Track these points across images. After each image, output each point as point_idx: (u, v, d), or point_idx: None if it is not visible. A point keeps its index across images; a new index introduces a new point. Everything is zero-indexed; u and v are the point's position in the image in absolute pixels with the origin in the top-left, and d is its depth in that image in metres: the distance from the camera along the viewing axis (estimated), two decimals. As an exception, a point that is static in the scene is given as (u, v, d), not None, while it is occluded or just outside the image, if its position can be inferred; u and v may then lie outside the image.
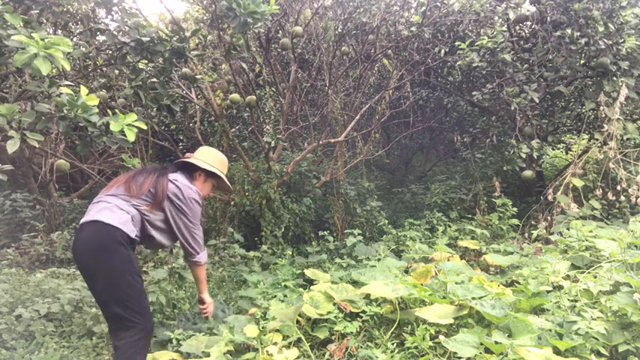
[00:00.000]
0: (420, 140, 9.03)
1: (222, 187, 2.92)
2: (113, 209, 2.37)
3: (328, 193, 6.00)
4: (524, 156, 5.22)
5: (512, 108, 5.26)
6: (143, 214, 2.46)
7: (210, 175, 2.79)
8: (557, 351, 2.37)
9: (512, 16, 5.23)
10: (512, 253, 4.49)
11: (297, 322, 2.95)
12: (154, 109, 4.84)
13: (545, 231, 4.79)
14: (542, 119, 5.68)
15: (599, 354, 2.40)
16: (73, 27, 4.86)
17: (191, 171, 2.75)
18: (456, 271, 3.66)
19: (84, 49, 3.84)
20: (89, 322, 3.26)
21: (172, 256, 3.83)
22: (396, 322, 2.93)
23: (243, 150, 5.90)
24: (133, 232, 2.38)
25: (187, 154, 2.82)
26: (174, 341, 2.92)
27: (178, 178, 2.62)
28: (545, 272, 3.40)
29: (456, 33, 6.22)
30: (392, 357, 2.61)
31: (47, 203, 5.55)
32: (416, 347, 2.64)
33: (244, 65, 5.56)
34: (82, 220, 2.39)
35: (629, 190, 4.67)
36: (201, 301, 2.84)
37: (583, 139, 5.83)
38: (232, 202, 5.40)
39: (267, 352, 2.56)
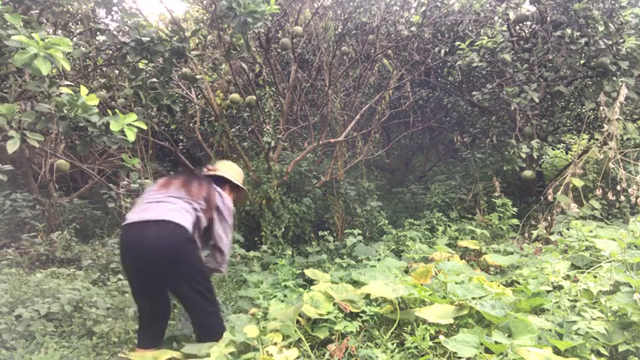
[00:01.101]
0: (420, 140, 9.02)
1: (240, 199, 3.18)
2: (181, 211, 2.58)
3: (328, 193, 6.00)
4: (524, 156, 5.22)
5: (512, 108, 5.25)
6: (198, 219, 2.67)
7: (234, 187, 3.08)
8: (557, 351, 2.37)
9: (512, 16, 5.23)
10: (512, 253, 4.48)
11: (297, 322, 2.94)
12: (154, 109, 4.84)
13: (545, 231, 4.79)
14: (542, 119, 5.68)
15: (599, 354, 2.40)
16: (73, 27, 4.85)
17: (220, 183, 2.98)
18: (456, 271, 3.66)
19: (84, 49, 3.84)
20: (89, 322, 3.26)
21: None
22: (396, 322, 2.93)
23: (243, 150, 5.90)
24: (195, 234, 2.64)
25: (210, 167, 3.09)
26: (174, 341, 2.92)
27: (217, 188, 2.86)
28: (545, 272, 3.40)
29: (456, 33, 6.22)
30: (392, 357, 2.61)
31: (47, 203, 5.54)
32: (416, 347, 2.64)
33: (244, 65, 5.56)
34: (143, 218, 2.54)
35: (629, 190, 4.67)
36: None
37: (583, 139, 5.83)
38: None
39: (267, 352, 2.56)
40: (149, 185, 2.89)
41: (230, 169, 3.08)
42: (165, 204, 2.61)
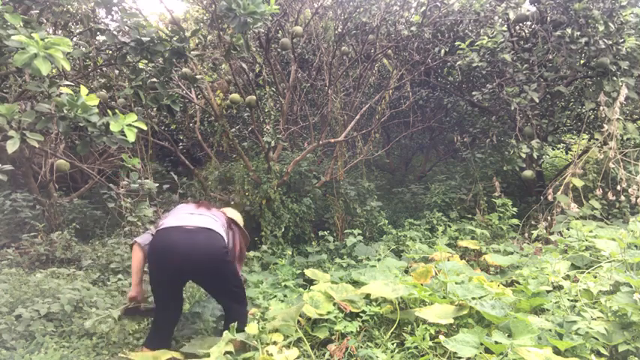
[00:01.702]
0: (420, 140, 9.02)
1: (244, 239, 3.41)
2: (218, 224, 2.93)
3: (328, 193, 6.00)
4: (524, 156, 5.22)
5: (512, 108, 5.25)
6: (228, 233, 3.05)
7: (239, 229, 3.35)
8: (557, 351, 2.37)
9: (512, 16, 5.22)
10: (512, 253, 4.49)
11: (297, 321, 2.95)
12: (154, 109, 4.84)
13: (545, 231, 4.79)
14: (542, 119, 5.68)
15: (599, 354, 2.40)
16: (73, 27, 4.85)
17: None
18: (456, 271, 3.66)
19: (84, 49, 3.84)
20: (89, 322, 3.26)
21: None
22: (396, 322, 2.93)
23: (243, 150, 5.90)
24: (228, 244, 3.00)
25: (223, 210, 3.37)
26: (174, 342, 2.92)
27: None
28: (545, 272, 3.40)
29: (456, 33, 6.22)
30: (392, 357, 2.61)
31: (47, 203, 5.54)
32: (416, 347, 2.64)
33: (244, 65, 5.56)
34: (184, 224, 2.82)
35: (629, 190, 4.67)
36: None
37: (583, 139, 5.83)
38: (232, 202, 5.40)
39: (267, 351, 2.56)
40: (180, 204, 3.21)
41: (234, 213, 3.41)
42: (205, 217, 2.91)
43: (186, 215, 2.92)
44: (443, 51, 6.00)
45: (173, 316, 2.95)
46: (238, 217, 3.42)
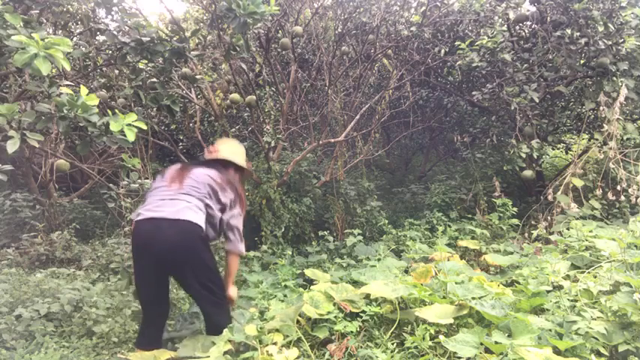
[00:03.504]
0: (420, 140, 9.03)
1: (245, 177, 3.24)
2: (195, 209, 2.67)
3: (328, 193, 6.00)
4: (524, 156, 5.22)
5: (512, 108, 5.25)
6: (210, 215, 2.76)
7: (238, 168, 3.08)
8: (557, 351, 2.36)
9: (512, 16, 5.23)
10: (512, 253, 4.48)
11: (297, 321, 2.95)
12: (154, 109, 4.84)
13: (545, 231, 4.79)
14: (542, 119, 5.68)
15: (599, 354, 2.40)
16: (73, 27, 4.85)
17: (225, 165, 3.01)
18: (456, 271, 3.66)
19: (84, 49, 3.84)
20: (89, 322, 3.26)
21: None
22: (396, 322, 2.93)
23: (243, 150, 5.89)
24: (208, 230, 2.75)
25: (212, 149, 3.07)
26: (173, 342, 2.92)
27: (221, 173, 2.91)
28: (545, 272, 3.40)
29: (456, 33, 6.22)
30: (392, 357, 2.61)
31: (47, 203, 5.54)
32: (416, 347, 2.64)
33: (244, 65, 5.56)
34: (157, 215, 2.61)
35: (629, 190, 4.67)
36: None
37: (583, 139, 5.83)
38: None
39: (267, 351, 2.56)
40: (158, 178, 2.89)
41: (232, 151, 3.07)
42: (178, 201, 2.66)
43: (157, 201, 2.69)
44: (443, 51, 6.00)
45: (160, 312, 2.82)
46: (236, 155, 3.07)
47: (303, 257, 5.00)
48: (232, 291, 2.98)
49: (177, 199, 2.68)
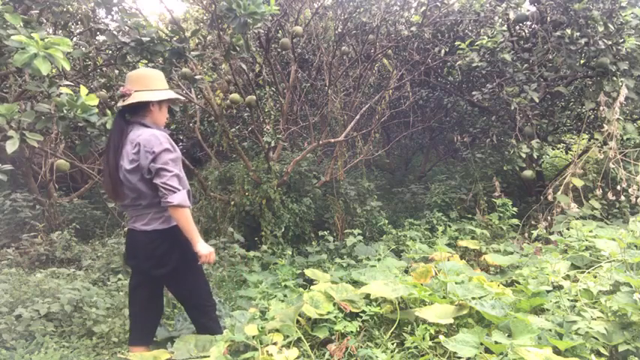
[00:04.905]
0: (420, 140, 9.03)
1: (175, 103, 2.92)
2: (145, 213, 2.56)
3: (328, 193, 6.00)
4: (524, 156, 5.22)
5: (512, 108, 5.25)
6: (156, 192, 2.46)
7: (162, 101, 2.61)
8: (557, 351, 2.36)
9: (512, 16, 5.23)
10: (512, 253, 4.48)
11: (297, 321, 2.94)
12: (154, 109, 4.81)
13: (545, 231, 4.79)
14: (542, 119, 5.68)
15: (599, 354, 2.40)
16: (73, 27, 4.85)
17: (143, 108, 2.54)
18: (456, 271, 3.66)
19: (84, 49, 3.84)
20: (89, 322, 3.26)
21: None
22: (396, 322, 2.93)
23: (243, 150, 5.90)
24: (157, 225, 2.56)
25: (122, 90, 2.50)
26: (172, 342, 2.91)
27: (133, 134, 2.46)
28: (545, 272, 3.40)
29: (456, 33, 6.22)
30: (392, 357, 2.61)
31: (47, 203, 5.54)
32: (416, 347, 2.64)
33: (244, 65, 5.56)
34: (130, 223, 2.64)
35: (629, 190, 4.67)
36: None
37: (583, 139, 5.83)
38: (232, 202, 5.40)
39: (267, 351, 2.56)
40: None
41: (144, 83, 2.54)
42: (135, 209, 2.54)
43: (128, 210, 2.61)
44: (443, 51, 6.00)
45: (153, 313, 2.83)
46: (151, 86, 2.54)
47: (303, 257, 5.00)
48: (201, 247, 2.53)
49: (134, 204, 2.56)
